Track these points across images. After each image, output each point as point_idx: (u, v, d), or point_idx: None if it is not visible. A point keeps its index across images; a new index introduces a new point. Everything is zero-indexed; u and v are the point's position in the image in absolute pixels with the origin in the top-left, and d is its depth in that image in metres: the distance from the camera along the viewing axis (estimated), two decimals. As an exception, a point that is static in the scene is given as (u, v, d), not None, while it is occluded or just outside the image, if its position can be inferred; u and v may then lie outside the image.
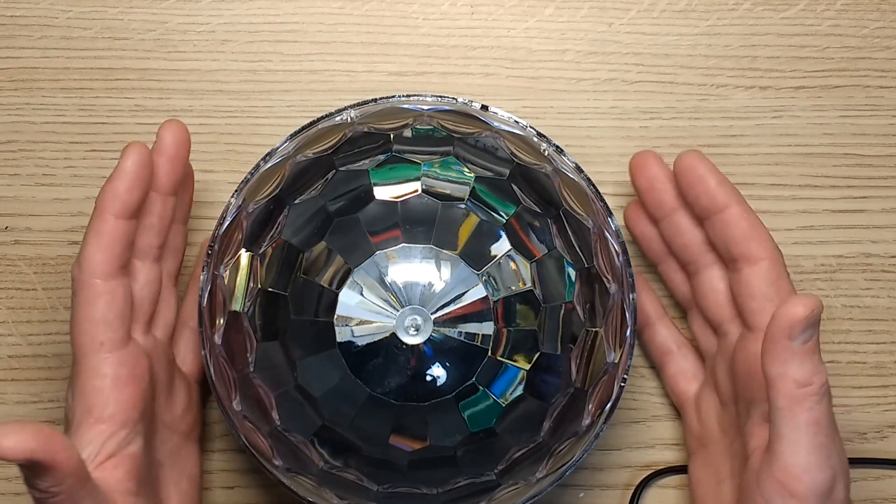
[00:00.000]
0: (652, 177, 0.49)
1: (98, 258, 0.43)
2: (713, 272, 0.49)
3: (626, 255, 0.46)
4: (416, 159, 0.45)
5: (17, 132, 0.54)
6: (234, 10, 0.55)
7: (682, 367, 0.50)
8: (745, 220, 0.47)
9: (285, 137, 0.47)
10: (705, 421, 0.49)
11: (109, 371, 0.43)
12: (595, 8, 0.55)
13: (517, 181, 0.45)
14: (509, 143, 0.46)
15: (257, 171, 0.46)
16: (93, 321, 0.43)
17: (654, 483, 0.52)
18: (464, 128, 0.46)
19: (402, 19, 0.55)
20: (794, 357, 0.42)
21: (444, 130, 0.46)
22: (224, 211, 0.46)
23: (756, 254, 0.47)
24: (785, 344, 0.42)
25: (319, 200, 0.44)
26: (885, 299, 0.54)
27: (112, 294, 0.44)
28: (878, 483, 0.52)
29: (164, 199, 0.46)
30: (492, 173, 0.45)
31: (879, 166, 0.55)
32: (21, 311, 0.53)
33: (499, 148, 0.46)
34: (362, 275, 0.43)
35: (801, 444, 0.42)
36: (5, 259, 0.53)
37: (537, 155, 0.47)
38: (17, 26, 0.55)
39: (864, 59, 0.55)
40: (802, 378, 0.42)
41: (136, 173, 0.44)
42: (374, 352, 0.42)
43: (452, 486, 0.44)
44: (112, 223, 0.44)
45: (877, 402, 0.53)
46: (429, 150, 0.45)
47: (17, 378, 0.52)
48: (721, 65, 0.55)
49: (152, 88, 0.55)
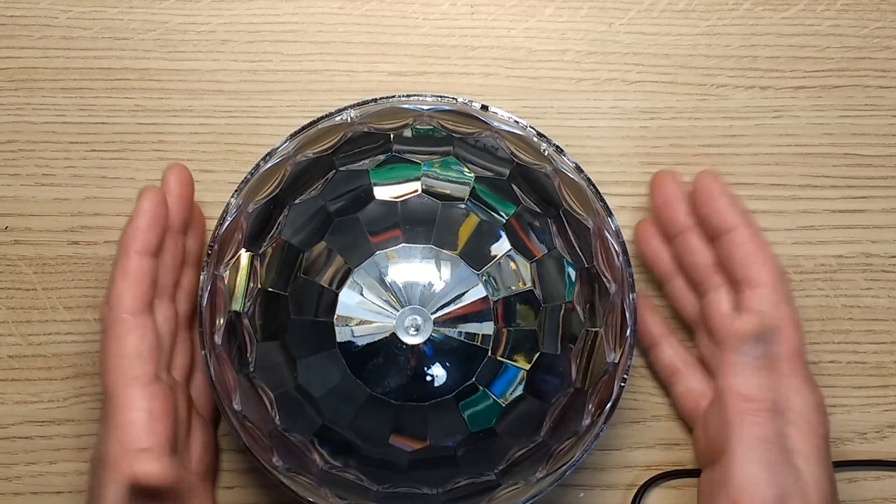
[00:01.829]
0: (668, 195, 0.49)
1: (127, 294, 0.45)
2: (721, 293, 0.49)
3: (626, 255, 0.46)
4: (416, 159, 0.45)
5: (17, 132, 0.54)
6: (234, 10, 0.55)
7: (690, 386, 0.50)
8: (750, 242, 0.47)
9: (285, 137, 0.47)
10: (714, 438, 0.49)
11: (144, 404, 0.44)
12: (595, 8, 0.55)
13: (517, 181, 0.45)
14: (509, 143, 0.46)
15: (257, 171, 0.46)
16: (126, 356, 0.44)
17: (657, 484, 0.52)
18: (464, 128, 0.46)
19: (402, 19, 0.55)
20: (744, 371, 0.43)
21: (444, 130, 0.46)
22: (224, 211, 0.46)
23: (757, 277, 0.47)
24: (734, 357, 0.42)
25: (319, 200, 0.44)
26: (885, 299, 0.54)
27: (143, 329, 0.45)
28: (879, 483, 0.52)
29: (175, 238, 0.48)
30: (492, 173, 0.45)
31: (879, 166, 0.55)
32: (21, 311, 0.53)
33: (499, 148, 0.46)
34: (362, 275, 0.43)
35: (748, 459, 0.43)
36: (5, 259, 0.53)
37: (537, 155, 0.47)
38: (17, 26, 0.55)
39: (864, 59, 0.55)
40: (748, 392, 0.43)
41: (154, 212, 0.46)
42: (374, 352, 0.42)
43: (452, 485, 0.44)
44: (137, 260, 0.45)
45: (877, 402, 0.53)
46: (429, 150, 0.45)
47: (17, 378, 0.52)
48: (721, 65, 0.55)
49: (152, 88, 0.54)
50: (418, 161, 0.45)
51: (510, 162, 0.45)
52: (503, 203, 0.44)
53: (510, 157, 0.46)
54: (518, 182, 0.45)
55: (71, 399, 0.52)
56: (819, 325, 0.53)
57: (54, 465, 0.52)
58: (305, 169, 0.46)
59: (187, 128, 0.54)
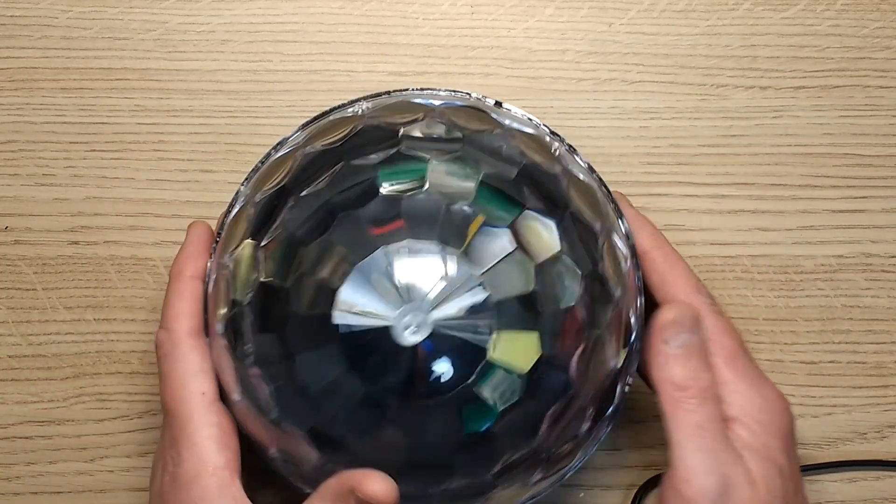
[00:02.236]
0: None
1: (185, 315, 0.45)
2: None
3: (634, 259, 0.46)
4: (424, 155, 0.44)
5: (17, 132, 0.54)
6: (234, 10, 0.55)
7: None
8: (663, 262, 0.47)
9: (297, 127, 0.47)
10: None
11: (216, 420, 0.44)
12: (595, 8, 0.55)
13: (525, 181, 0.45)
14: (520, 142, 0.46)
15: (268, 160, 0.46)
16: (192, 373, 0.44)
17: (657, 484, 0.52)
18: (475, 125, 0.46)
19: (402, 19, 0.55)
20: (670, 361, 0.43)
21: (455, 128, 0.46)
22: (233, 199, 0.46)
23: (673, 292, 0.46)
24: (661, 348, 0.43)
25: (325, 193, 0.44)
26: (885, 299, 0.54)
27: (203, 349, 0.45)
28: (879, 483, 0.52)
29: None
30: (500, 173, 0.45)
31: (879, 166, 0.55)
32: (21, 311, 0.53)
33: (508, 147, 0.46)
34: (363, 270, 0.42)
35: (687, 448, 0.43)
36: (5, 259, 0.53)
37: (547, 155, 0.46)
38: (17, 26, 0.55)
39: (864, 59, 0.55)
40: (680, 381, 0.43)
41: (202, 239, 0.47)
42: (372, 349, 0.42)
43: (447, 486, 0.44)
44: (191, 284, 0.46)
45: (877, 402, 0.53)
46: (438, 147, 0.45)
47: (17, 378, 0.52)
48: (721, 65, 0.55)
49: (152, 88, 0.55)
50: (426, 157, 0.44)
51: (518, 162, 0.45)
52: (509, 203, 0.44)
53: (519, 157, 0.45)
54: (526, 182, 0.45)
55: (71, 399, 0.52)
56: (819, 325, 0.53)
57: (54, 465, 0.52)
58: (314, 160, 0.45)
59: (187, 128, 0.54)
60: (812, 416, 0.52)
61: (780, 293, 0.54)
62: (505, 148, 0.46)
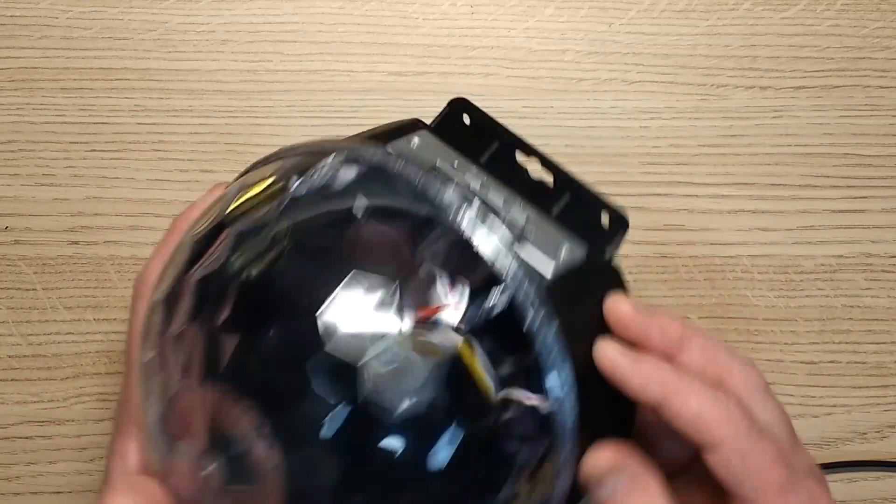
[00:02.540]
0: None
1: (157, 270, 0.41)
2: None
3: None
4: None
5: (17, 132, 0.54)
6: (234, 10, 0.55)
7: None
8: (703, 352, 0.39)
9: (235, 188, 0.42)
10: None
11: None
12: (595, 8, 0.55)
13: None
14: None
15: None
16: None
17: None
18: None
19: (402, 19, 0.55)
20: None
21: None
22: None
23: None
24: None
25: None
26: (885, 299, 0.54)
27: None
28: (879, 483, 0.52)
29: None
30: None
31: (879, 166, 0.55)
32: (21, 311, 0.53)
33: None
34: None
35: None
36: (5, 259, 0.53)
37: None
38: (17, 26, 0.55)
39: (864, 59, 0.55)
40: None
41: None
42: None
43: None
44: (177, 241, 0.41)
45: (877, 402, 0.53)
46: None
47: (17, 378, 0.52)
48: (721, 65, 0.55)
49: (152, 88, 0.55)
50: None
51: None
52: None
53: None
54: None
55: (71, 399, 0.52)
56: (819, 325, 0.53)
57: (54, 465, 0.52)
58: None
59: (187, 128, 0.54)
60: (812, 416, 0.53)
61: (780, 293, 0.54)
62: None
